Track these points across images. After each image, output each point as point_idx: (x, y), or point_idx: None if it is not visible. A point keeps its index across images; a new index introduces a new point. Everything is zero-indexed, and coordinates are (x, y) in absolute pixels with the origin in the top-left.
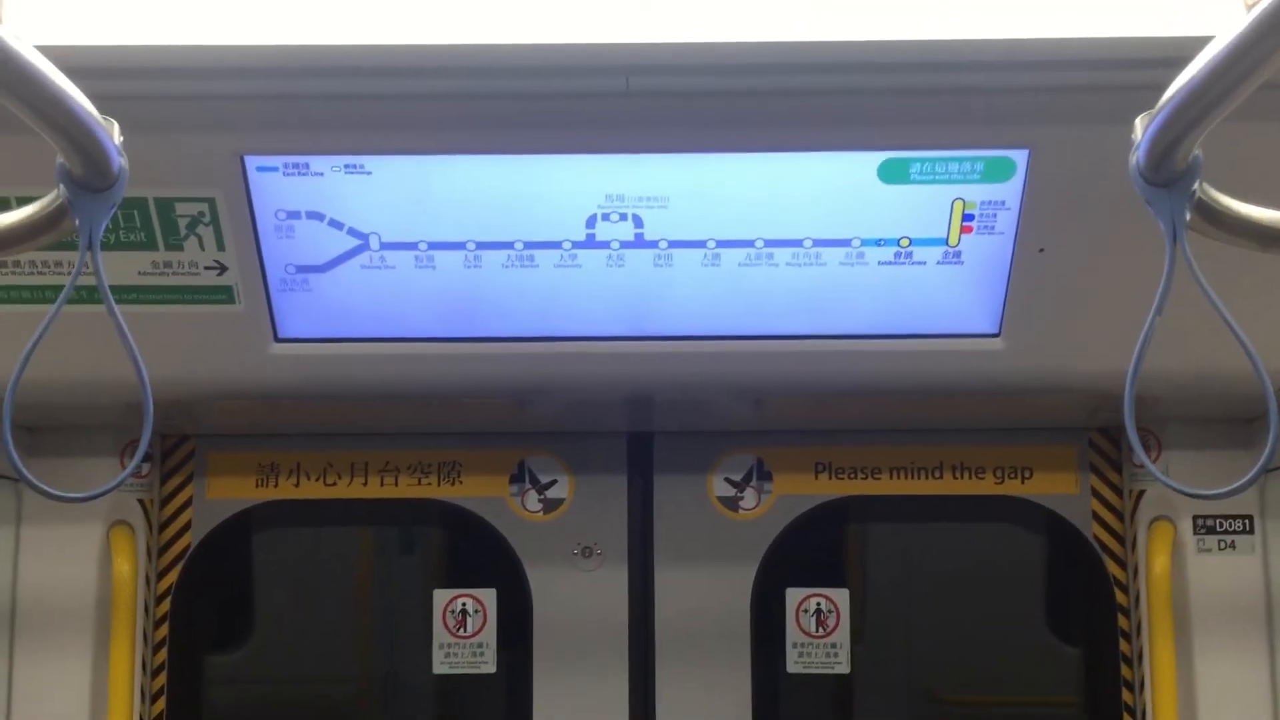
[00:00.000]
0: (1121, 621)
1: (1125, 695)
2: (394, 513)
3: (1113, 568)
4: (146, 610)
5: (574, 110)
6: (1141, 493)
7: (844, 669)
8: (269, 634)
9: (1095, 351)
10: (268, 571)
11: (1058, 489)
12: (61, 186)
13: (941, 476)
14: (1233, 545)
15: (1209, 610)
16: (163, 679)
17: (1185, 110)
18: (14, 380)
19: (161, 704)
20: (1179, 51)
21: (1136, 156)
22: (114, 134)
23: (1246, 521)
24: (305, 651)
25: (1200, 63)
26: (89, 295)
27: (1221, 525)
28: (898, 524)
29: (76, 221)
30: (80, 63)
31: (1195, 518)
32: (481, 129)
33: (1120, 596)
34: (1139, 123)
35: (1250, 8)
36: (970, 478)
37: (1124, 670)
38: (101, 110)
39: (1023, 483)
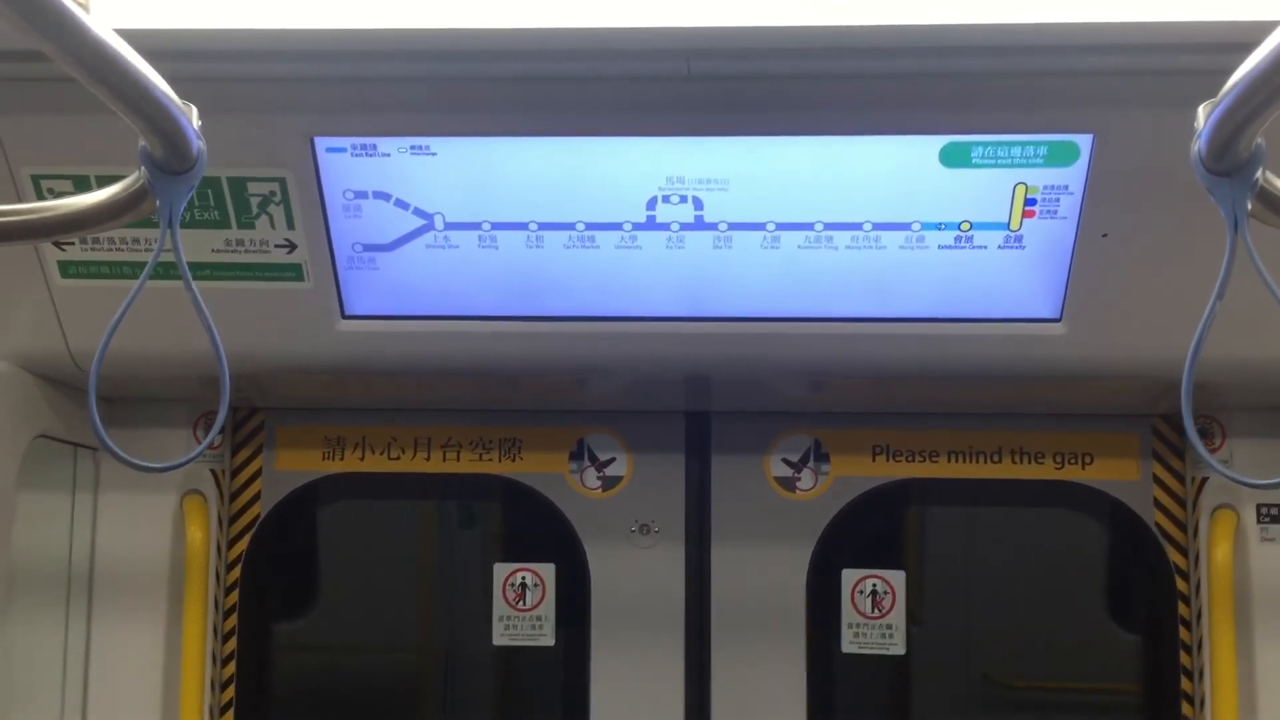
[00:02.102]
0: (1182, 609)
1: (1184, 683)
2: (456, 487)
3: (1174, 555)
4: (218, 577)
5: (635, 93)
6: (1204, 480)
7: (899, 650)
8: (335, 602)
9: (1158, 338)
10: (333, 542)
11: (1119, 475)
12: (143, 168)
13: (1000, 461)
14: None
15: (1271, 599)
16: (233, 644)
17: (1247, 99)
18: (98, 356)
19: (232, 668)
20: (1246, 36)
21: (1198, 145)
22: (193, 118)
23: None
24: (369, 620)
25: (1263, 52)
26: (166, 272)
27: None
28: (955, 507)
29: (157, 202)
30: (156, 45)
31: (1259, 506)
32: (544, 111)
33: (1181, 584)
34: (1201, 111)
35: None
36: (1030, 463)
37: (1184, 658)
38: (176, 91)
39: (1083, 468)
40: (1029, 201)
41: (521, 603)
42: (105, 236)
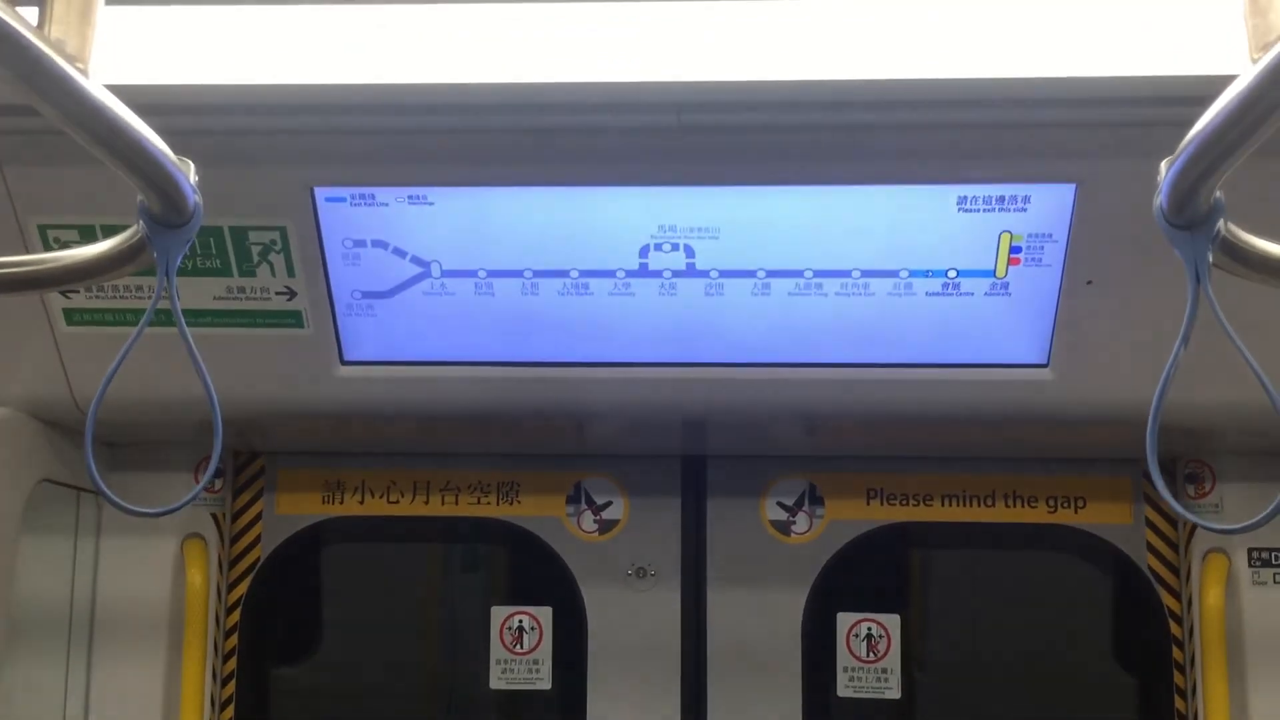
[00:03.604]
0: (1175, 653)
1: None
2: (454, 531)
3: (1167, 599)
4: (217, 621)
5: (627, 145)
6: (1195, 525)
7: (894, 694)
8: (333, 645)
9: (1143, 382)
10: (333, 585)
11: (1111, 519)
12: (141, 222)
13: (994, 504)
14: None
15: (1263, 643)
16: (232, 687)
17: (1202, 155)
18: (95, 401)
19: (230, 711)
20: (1220, 90)
21: (1160, 199)
22: (190, 174)
23: None
24: (368, 663)
25: (1214, 110)
26: (167, 318)
27: (1276, 558)
28: (949, 551)
29: (155, 254)
30: (159, 100)
31: (1250, 550)
32: (539, 162)
33: (1174, 628)
34: (1163, 166)
35: (1256, 60)
36: (1022, 506)
37: (1178, 702)
38: (180, 144)
39: (1075, 512)
40: (1014, 249)
41: (519, 646)
42: (109, 284)
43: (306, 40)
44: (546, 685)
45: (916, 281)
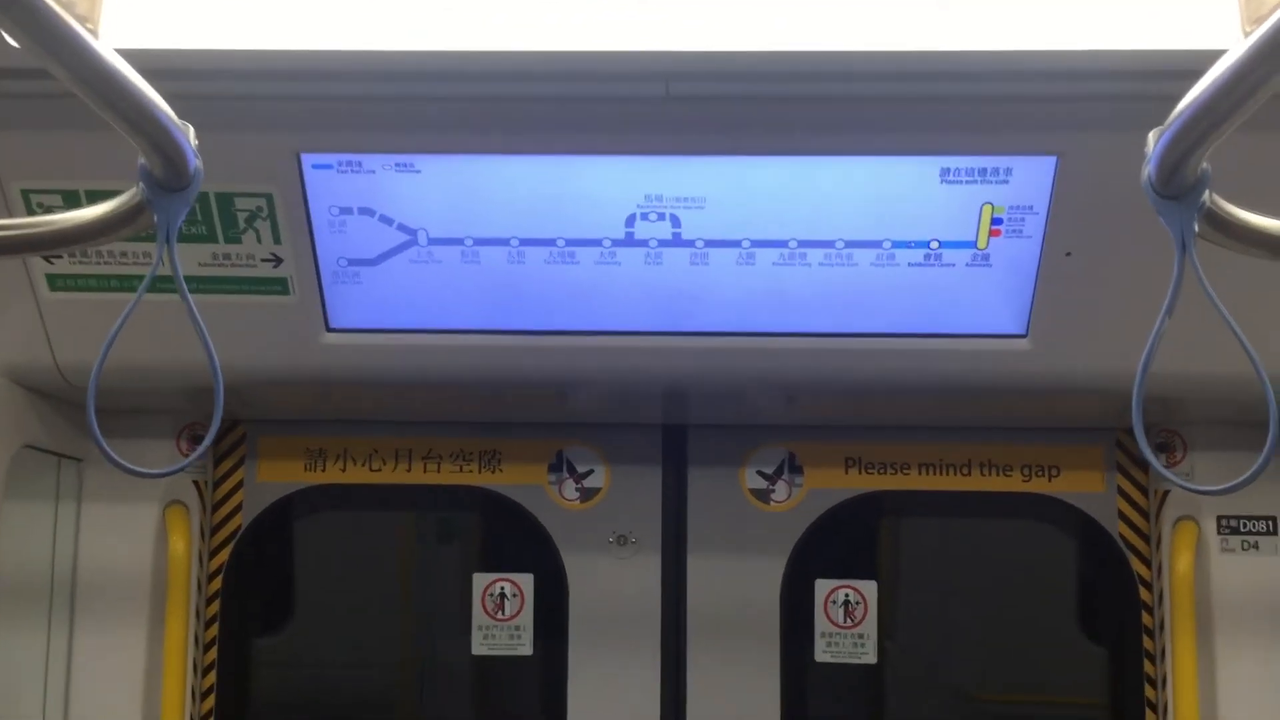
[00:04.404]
0: (1145, 619)
1: (1148, 691)
2: (436, 499)
3: (1137, 566)
4: (199, 587)
5: (615, 114)
6: (1166, 492)
7: (871, 659)
8: (315, 612)
9: (1121, 353)
10: (314, 552)
11: (1084, 487)
12: (141, 184)
13: (970, 473)
14: (1256, 546)
15: (1231, 609)
16: (214, 653)
17: (1192, 127)
18: (97, 367)
19: (213, 677)
20: (1202, 64)
21: (1148, 170)
22: (190, 137)
23: (1270, 523)
24: (349, 629)
25: (1205, 82)
26: (153, 285)
27: (1245, 526)
28: (926, 519)
29: (155, 218)
30: (148, 64)
31: (1219, 518)
32: (526, 131)
33: (1144, 594)
34: (1151, 137)
35: (1248, 33)
36: (998, 475)
37: (1147, 667)
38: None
39: (1049, 481)
40: (995, 221)
41: (500, 612)
42: (94, 250)
43: (295, 6)
44: (528, 651)
45: (899, 252)
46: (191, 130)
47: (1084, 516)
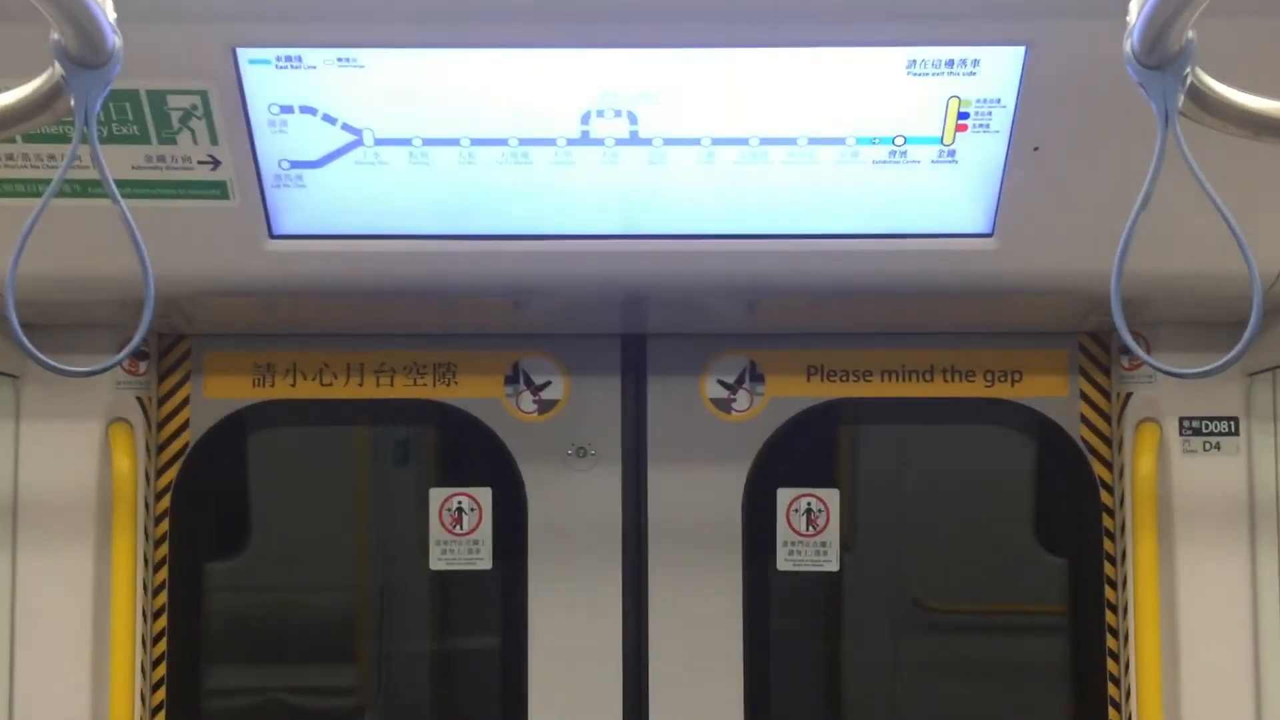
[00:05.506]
0: (1106, 521)
1: (1109, 593)
2: (390, 413)
3: (1099, 469)
4: (147, 506)
5: (568, 2)
6: (1129, 395)
7: (833, 567)
8: (268, 530)
9: (1088, 252)
10: (265, 469)
11: (1047, 392)
12: (56, 64)
13: (932, 379)
14: (1218, 447)
15: (1193, 511)
16: (164, 573)
17: None
18: (13, 263)
19: (164, 598)
20: None
21: (1131, 41)
22: (108, 9)
23: (1231, 423)
24: (303, 547)
25: None
26: (83, 189)
27: (1207, 427)
28: (888, 426)
29: (72, 101)
30: None
31: (1181, 419)
32: (474, 22)
33: (1105, 497)
34: (1134, 5)
35: None
36: (960, 381)
37: (1108, 569)
38: None
39: (1012, 385)
40: (962, 115)
41: (458, 527)
42: (19, 153)
43: None
44: (487, 565)
45: (863, 149)
46: (109, 1)
47: (1046, 421)
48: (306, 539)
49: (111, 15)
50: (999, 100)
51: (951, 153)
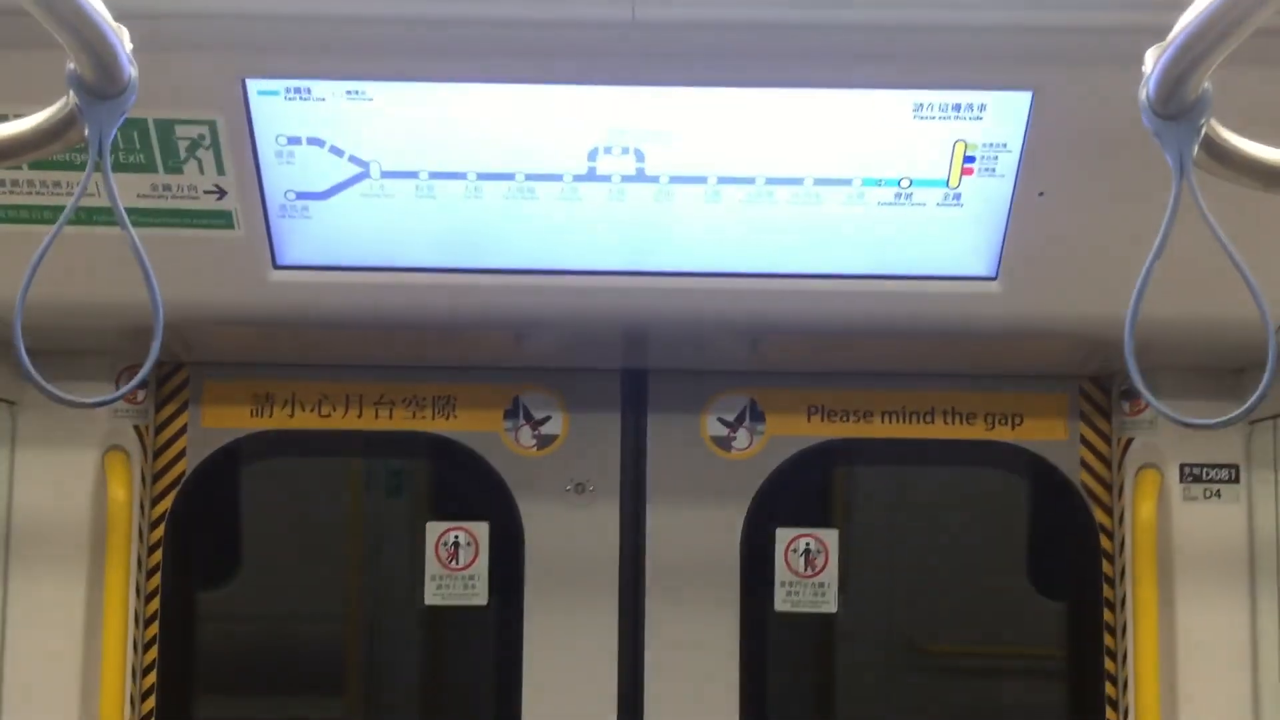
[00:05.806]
0: (1106, 567)
1: (1107, 639)
2: (388, 445)
3: (1099, 514)
4: (141, 536)
5: (578, 39)
6: (1130, 440)
7: (831, 608)
8: (262, 562)
9: (1091, 297)
10: (261, 500)
11: (1047, 435)
12: (71, 93)
13: (933, 421)
14: (1218, 494)
15: (1193, 558)
16: (156, 603)
17: (1197, 41)
18: (21, 293)
19: (155, 628)
20: None
21: (1146, 89)
22: (125, 40)
23: (1232, 471)
24: (298, 578)
25: None
26: (89, 217)
27: (1208, 474)
28: (888, 467)
29: (86, 131)
30: None
31: (1182, 466)
32: (484, 56)
33: (1105, 542)
34: (1150, 55)
35: None
36: (961, 423)
37: (1107, 615)
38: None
39: (1013, 429)
40: (968, 159)
41: (454, 561)
42: (25, 179)
43: None
44: (482, 601)
45: (869, 190)
46: (126, 33)
47: (1047, 465)
48: (301, 572)
49: (129, 46)
50: (1005, 145)
51: (957, 196)
